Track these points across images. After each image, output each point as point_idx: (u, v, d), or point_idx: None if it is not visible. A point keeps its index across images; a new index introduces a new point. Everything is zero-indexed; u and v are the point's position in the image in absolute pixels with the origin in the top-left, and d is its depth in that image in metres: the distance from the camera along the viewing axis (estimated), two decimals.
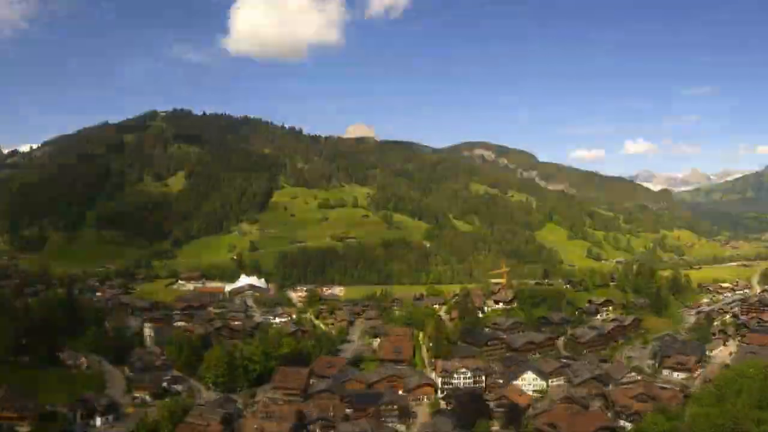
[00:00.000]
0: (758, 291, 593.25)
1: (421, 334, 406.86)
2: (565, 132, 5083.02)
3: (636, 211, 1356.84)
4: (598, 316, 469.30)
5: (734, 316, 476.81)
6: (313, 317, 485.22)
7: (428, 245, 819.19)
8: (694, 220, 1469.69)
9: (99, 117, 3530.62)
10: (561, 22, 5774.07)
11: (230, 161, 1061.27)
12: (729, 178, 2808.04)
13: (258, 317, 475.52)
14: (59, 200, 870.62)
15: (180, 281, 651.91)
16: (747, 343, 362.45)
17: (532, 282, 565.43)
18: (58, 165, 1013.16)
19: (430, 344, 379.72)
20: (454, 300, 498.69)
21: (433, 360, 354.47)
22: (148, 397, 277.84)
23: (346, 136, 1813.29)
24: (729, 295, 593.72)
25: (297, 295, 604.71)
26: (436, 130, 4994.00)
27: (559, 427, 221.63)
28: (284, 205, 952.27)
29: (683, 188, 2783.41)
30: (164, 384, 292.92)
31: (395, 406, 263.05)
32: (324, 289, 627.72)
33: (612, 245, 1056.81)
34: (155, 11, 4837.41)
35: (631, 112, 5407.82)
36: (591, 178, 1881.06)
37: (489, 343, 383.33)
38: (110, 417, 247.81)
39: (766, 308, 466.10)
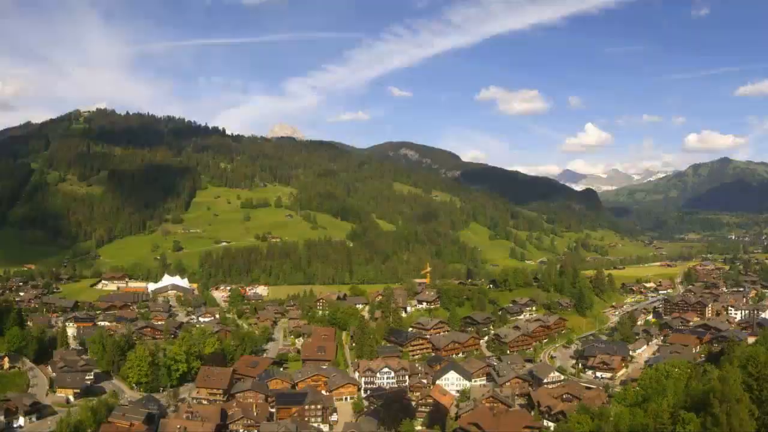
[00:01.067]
0: (681, 291, 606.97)
1: (344, 334, 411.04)
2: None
3: (559, 211, 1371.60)
4: (522, 316, 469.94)
5: (657, 315, 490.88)
6: (236, 317, 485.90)
7: (352, 245, 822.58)
8: (618, 221, 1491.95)
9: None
10: None
11: (153, 161, 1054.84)
12: (652, 179, 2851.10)
13: (181, 317, 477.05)
14: None
15: (103, 281, 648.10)
16: (670, 343, 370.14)
17: (456, 282, 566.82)
18: None
19: (354, 344, 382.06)
20: (377, 300, 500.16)
21: (356, 360, 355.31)
22: (71, 397, 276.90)
23: (269, 136, 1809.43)
24: (652, 295, 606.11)
25: (221, 294, 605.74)
26: (360, 131, 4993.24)
27: (483, 426, 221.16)
28: (207, 205, 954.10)
29: (606, 188, 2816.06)
30: (87, 383, 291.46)
31: (319, 406, 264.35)
32: (248, 288, 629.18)
33: (535, 245, 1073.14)
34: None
35: None
36: (514, 177, 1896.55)
37: (412, 343, 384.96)
38: (33, 417, 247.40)
39: (688, 308, 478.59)
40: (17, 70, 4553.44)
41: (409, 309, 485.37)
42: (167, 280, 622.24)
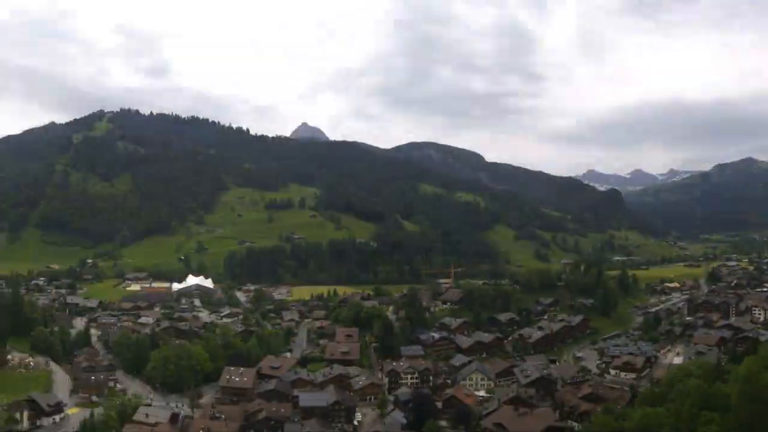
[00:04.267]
0: (705, 291, 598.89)
1: (368, 335, 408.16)
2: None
3: (583, 212, 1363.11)
4: (546, 317, 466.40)
5: (681, 316, 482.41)
6: (260, 317, 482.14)
7: (375, 245, 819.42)
8: (642, 221, 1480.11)
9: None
10: None
11: (177, 161, 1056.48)
12: (676, 179, 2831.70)
13: (205, 317, 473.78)
14: (2, 200, 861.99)
15: (127, 281, 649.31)
16: (694, 343, 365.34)
17: (480, 282, 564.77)
18: (1, 165, 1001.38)
19: (378, 344, 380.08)
20: (401, 300, 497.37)
21: (380, 360, 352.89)
22: (94, 397, 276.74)
23: (293, 136, 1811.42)
24: (677, 295, 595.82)
25: (244, 295, 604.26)
26: (384, 131, 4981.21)
27: (508, 426, 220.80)
28: (231, 206, 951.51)
29: (630, 188, 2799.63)
30: (111, 384, 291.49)
31: (343, 407, 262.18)
32: (271, 289, 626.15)
33: (560, 246, 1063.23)
34: None
35: None
36: (538, 177, 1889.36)
37: (437, 343, 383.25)
38: (57, 417, 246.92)
39: (712, 308, 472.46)
40: None
41: (433, 309, 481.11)
42: (191, 280, 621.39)
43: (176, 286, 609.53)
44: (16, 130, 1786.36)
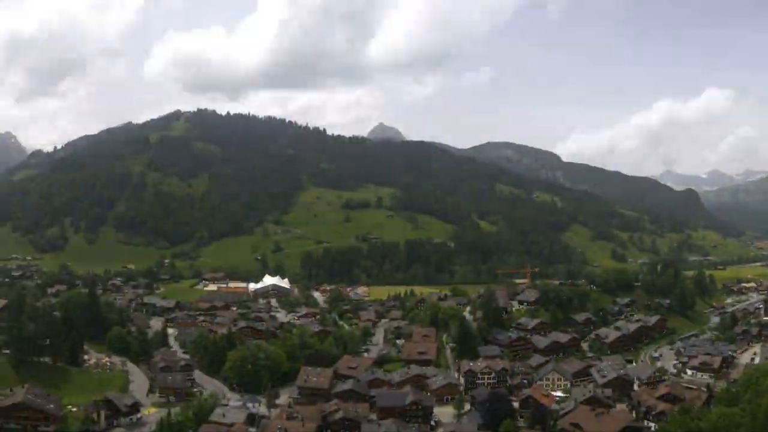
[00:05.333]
0: None
1: (445, 335, 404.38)
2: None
3: (660, 212, 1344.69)
4: (623, 317, 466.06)
5: (758, 316, 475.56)
6: (337, 317, 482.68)
7: (452, 245, 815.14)
8: (719, 221, 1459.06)
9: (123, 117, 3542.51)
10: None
11: (253, 161, 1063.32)
12: (754, 179, 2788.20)
13: (282, 317, 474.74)
14: (80, 200, 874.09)
15: (203, 282, 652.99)
16: None
17: (557, 282, 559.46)
18: (80, 165, 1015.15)
19: (455, 345, 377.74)
20: (478, 300, 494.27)
21: (457, 360, 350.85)
22: (171, 397, 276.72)
23: (370, 136, 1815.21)
24: (753, 295, 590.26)
25: (321, 295, 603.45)
26: (461, 131, 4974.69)
27: (584, 427, 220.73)
28: (308, 206, 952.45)
29: (707, 188, 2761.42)
30: (187, 384, 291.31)
31: (420, 407, 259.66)
32: (348, 289, 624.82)
33: (636, 246, 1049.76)
34: None
35: None
36: (615, 177, 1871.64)
37: (514, 343, 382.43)
38: (133, 417, 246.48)
39: None
40: None
41: (510, 310, 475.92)
42: (268, 280, 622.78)
43: (253, 286, 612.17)
44: (93, 130, 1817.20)
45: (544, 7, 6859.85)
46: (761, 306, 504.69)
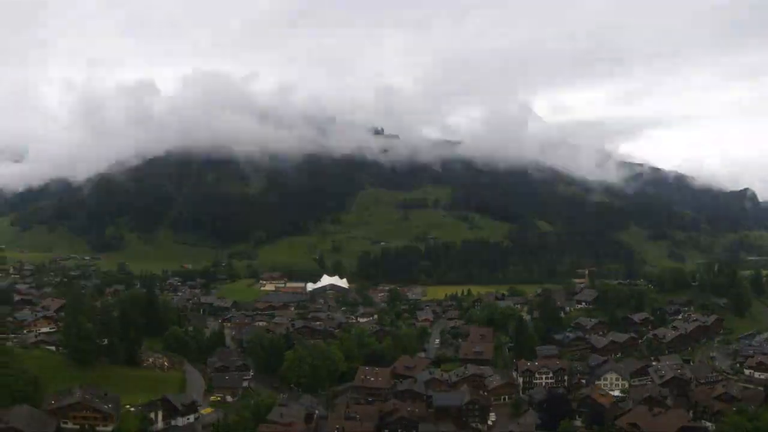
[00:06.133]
0: None
1: (502, 335, 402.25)
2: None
3: (717, 211, 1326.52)
4: (680, 317, 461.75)
5: None
6: (394, 317, 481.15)
7: (509, 245, 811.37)
8: None
9: None
10: None
11: (311, 161, 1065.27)
12: None
13: (340, 317, 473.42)
14: (136, 200, 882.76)
15: (261, 281, 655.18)
16: None
17: (614, 282, 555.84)
18: (137, 165, 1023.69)
19: (512, 344, 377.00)
20: (535, 300, 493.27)
21: (515, 360, 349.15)
22: (228, 397, 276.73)
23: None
24: None
25: (379, 294, 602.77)
26: None
27: (642, 426, 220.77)
28: (365, 206, 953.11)
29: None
30: (245, 384, 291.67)
31: (477, 407, 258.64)
32: (405, 289, 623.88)
33: (693, 246, 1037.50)
34: None
35: None
36: (672, 177, 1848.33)
37: (571, 343, 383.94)
38: (191, 417, 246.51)
39: None
40: None
41: (567, 309, 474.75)
42: (326, 280, 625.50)
43: (311, 286, 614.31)
44: None
45: None
46: None
